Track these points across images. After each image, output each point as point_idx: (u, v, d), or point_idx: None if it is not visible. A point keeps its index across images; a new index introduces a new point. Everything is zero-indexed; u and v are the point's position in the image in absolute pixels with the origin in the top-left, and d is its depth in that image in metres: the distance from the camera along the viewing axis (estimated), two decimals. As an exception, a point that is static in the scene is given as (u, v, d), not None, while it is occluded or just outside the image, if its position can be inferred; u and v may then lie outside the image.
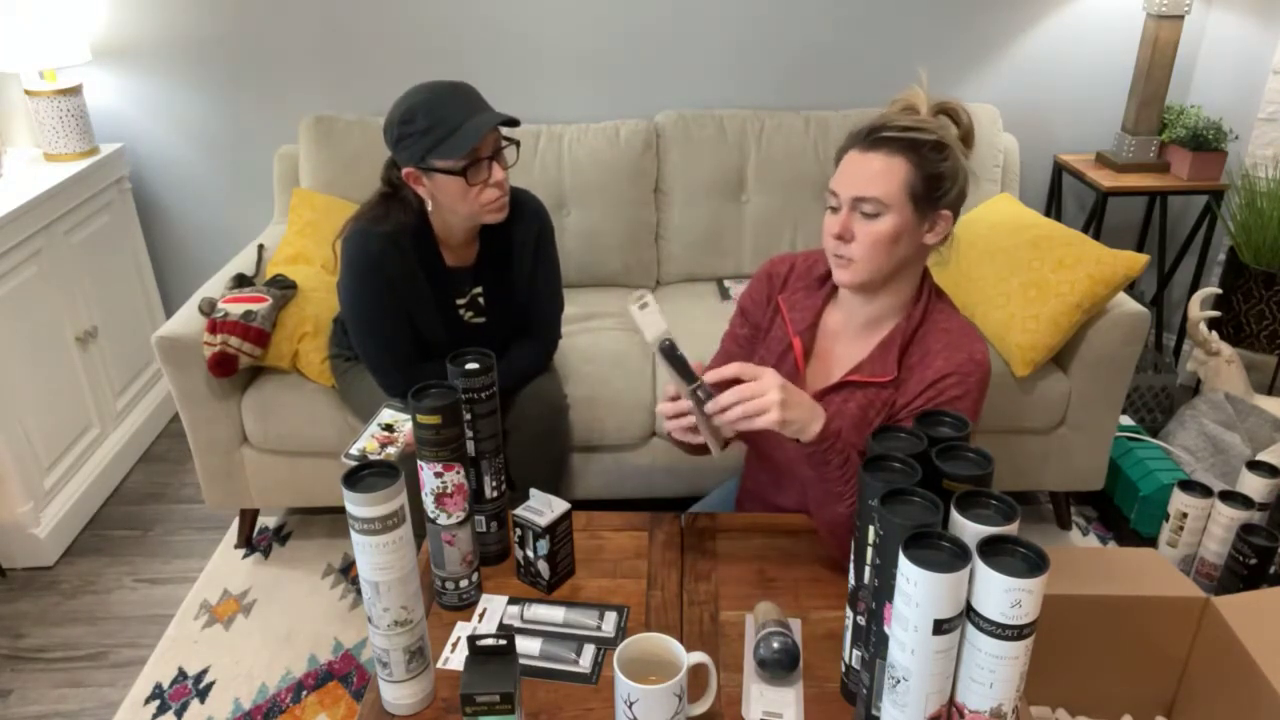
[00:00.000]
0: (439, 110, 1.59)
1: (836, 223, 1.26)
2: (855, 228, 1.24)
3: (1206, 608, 1.34)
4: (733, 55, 2.70)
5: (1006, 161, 2.62)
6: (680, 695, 0.94)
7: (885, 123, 1.23)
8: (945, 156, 1.23)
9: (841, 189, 1.25)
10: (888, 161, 1.22)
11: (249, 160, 2.78)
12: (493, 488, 1.25)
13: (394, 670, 1.03)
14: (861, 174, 1.23)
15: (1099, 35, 2.70)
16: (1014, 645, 0.82)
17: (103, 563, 2.30)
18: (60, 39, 2.40)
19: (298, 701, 1.87)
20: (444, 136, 1.59)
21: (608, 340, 2.27)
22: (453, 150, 1.59)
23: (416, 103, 1.61)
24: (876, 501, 0.89)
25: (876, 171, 1.22)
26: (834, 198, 1.27)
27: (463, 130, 1.59)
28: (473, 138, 1.58)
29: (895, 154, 1.22)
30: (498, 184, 1.65)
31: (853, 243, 1.25)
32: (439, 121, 1.59)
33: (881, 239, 1.23)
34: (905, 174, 1.22)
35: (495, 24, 2.64)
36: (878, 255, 1.25)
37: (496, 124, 1.61)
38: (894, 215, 1.22)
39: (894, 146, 1.22)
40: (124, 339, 2.66)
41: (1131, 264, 2.04)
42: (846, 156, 1.26)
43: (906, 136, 1.22)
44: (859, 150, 1.24)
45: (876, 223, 1.23)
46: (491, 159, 1.64)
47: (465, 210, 1.68)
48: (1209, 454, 2.31)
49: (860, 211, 1.24)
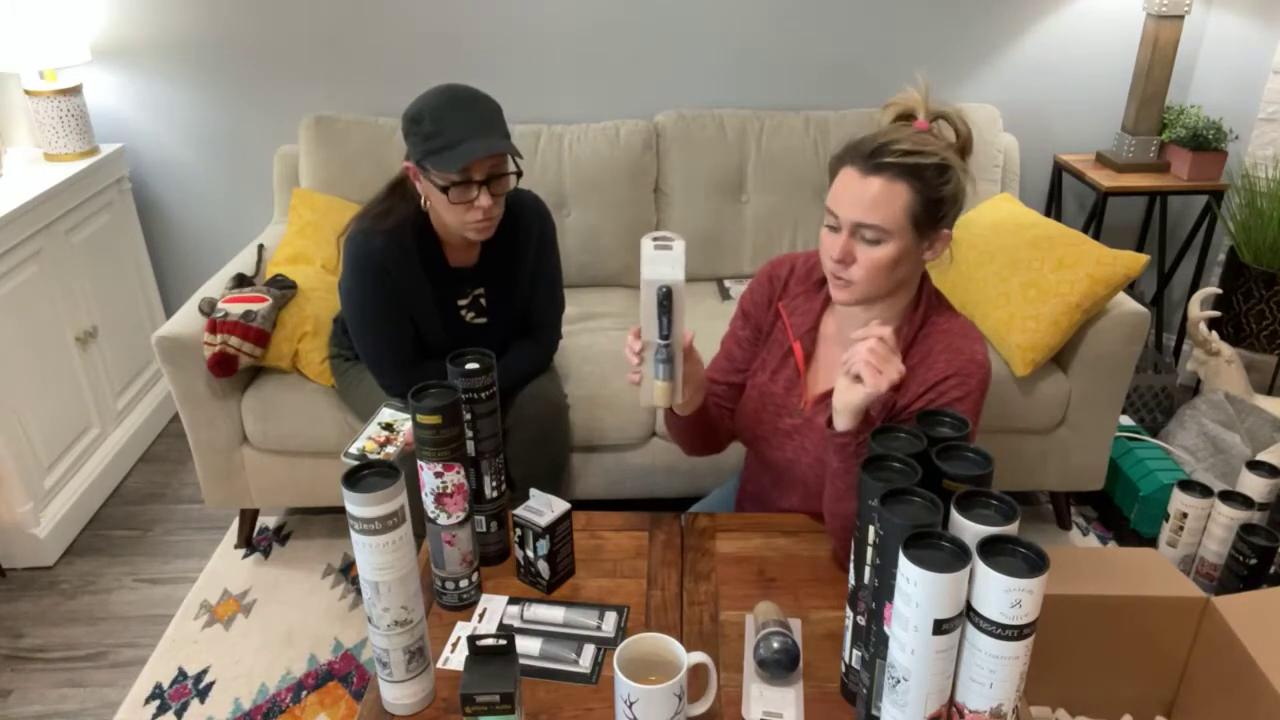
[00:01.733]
0: (445, 119, 1.58)
1: (836, 246, 1.22)
2: (856, 251, 1.21)
3: (1206, 608, 1.34)
4: (733, 55, 2.70)
5: (1006, 161, 2.62)
6: (680, 695, 0.94)
7: (887, 143, 1.18)
8: (948, 179, 1.20)
9: (842, 212, 1.21)
10: (889, 187, 1.18)
11: (249, 160, 2.78)
12: (493, 488, 1.25)
13: (394, 670, 1.03)
14: (862, 199, 1.18)
15: (1099, 35, 2.70)
16: (1014, 645, 0.82)
17: (103, 563, 2.30)
18: (60, 39, 2.40)
19: (298, 701, 1.87)
20: (440, 148, 1.58)
21: (608, 340, 2.27)
22: (443, 165, 1.58)
23: (429, 105, 1.59)
24: (876, 501, 0.89)
25: (877, 197, 1.18)
26: (833, 217, 1.23)
27: (456, 150, 1.57)
28: (461, 160, 1.56)
29: (897, 179, 1.17)
30: (483, 209, 1.63)
31: (853, 266, 1.22)
32: (440, 131, 1.58)
33: (882, 264, 1.21)
34: (907, 200, 1.18)
35: (495, 24, 2.64)
36: (877, 279, 1.22)
37: (487, 154, 1.58)
38: (895, 241, 1.19)
39: (896, 172, 1.17)
40: (124, 339, 2.66)
41: (1131, 264, 2.04)
42: (844, 173, 1.22)
43: (909, 162, 1.17)
44: (859, 171, 1.19)
45: (877, 249, 1.20)
46: (484, 183, 1.61)
47: (449, 220, 1.67)
48: (1209, 454, 2.31)
49: (861, 236, 1.20)
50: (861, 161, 1.19)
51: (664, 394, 1.20)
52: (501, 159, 1.63)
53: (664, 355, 1.17)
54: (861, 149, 1.20)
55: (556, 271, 1.94)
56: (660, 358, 1.18)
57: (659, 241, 1.12)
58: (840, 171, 1.23)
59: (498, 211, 1.67)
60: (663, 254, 1.11)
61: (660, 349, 1.17)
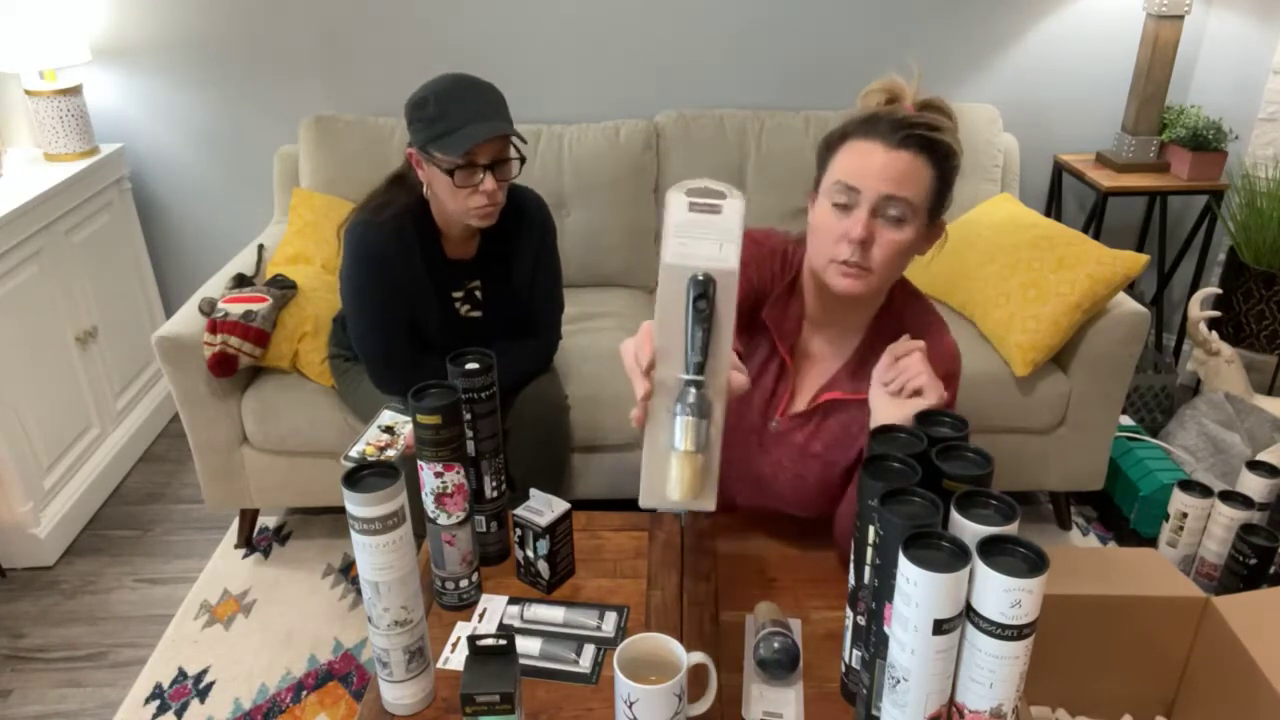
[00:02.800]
0: (450, 104, 1.60)
1: (859, 224, 1.09)
2: (876, 232, 1.10)
3: (1206, 608, 1.34)
4: (733, 55, 2.70)
5: (1006, 161, 2.62)
6: (680, 695, 0.94)
7: (910, 118, 1.09)
8: (957, 165, 1.14)
9: (866, 184, 1.09)
10: (915, 162, 1.09)
11: (249, 160, 2.78)
12: (493, 488, 1.25)
13: (394, 670, 1.03)
14: (892, 170, 1.08)
15: (1099, 35, 2.70)
16: (1014, 645, 0.82)
17: (103, 563, 2.30)
18: (60, 39, 2.40)
19: (298, 701, 1.87)
20: (444, 132, 1.60)
21: (608, 340, 2.27)
22: (448, 148, 1.60)
23: (434, 90, 1.62)
24: (876, 501, 0.89)
25: (906, 171, 1.08)
26: (849, 194, 1.10)
27: (461, 132, 1.59)
28: (466, 142, 1.58)
29: (920, 154, 1.09)
30: (487, 193, 1.65)
31: (873, 249, 1.11)
32: (444, 115, 1.60)
33: (902, 249, 1.11)
34: (929, 179, 1.10)
35: (496, 24, 2.64)
36: (894, 267, 1.13)
37: (492, 136, 1.60)
38: (914, 223, 1.11)
39: (920, 145, 1.09)
40: (124, 339, 2.66)
41: (1131, 264, 2.04)
42: (862, 146, 1.10)
43: (933, 136, 1.09)
44: (883, 144, 1.09)
45: (900, 230, 1.10)
46: (489, 167, 1.63)
47: (452, 206, 1.68)
48: (1209, 454, 2.31)
49: (885, 214, 1.10)
50: (887, 133, 1.09)
51: (689, 477, 0.71)
52: (505, 145, 1.65)
53: (694, 406, 0.71)
54: (881, 121, 1.10)
55: (556, 272, 1.95)
56: (688, 408, 0.71)
57: (698, 200, 0.70)
58: (848, 146, 1.12)
59: (501, 197, 1.69)
60: (704, 220, 0.69)
61: (689, 395, 0.71)
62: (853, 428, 1.25)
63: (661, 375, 0.73)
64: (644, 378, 0.82)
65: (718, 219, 0.71)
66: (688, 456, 0.73)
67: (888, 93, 1.14)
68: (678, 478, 0.73)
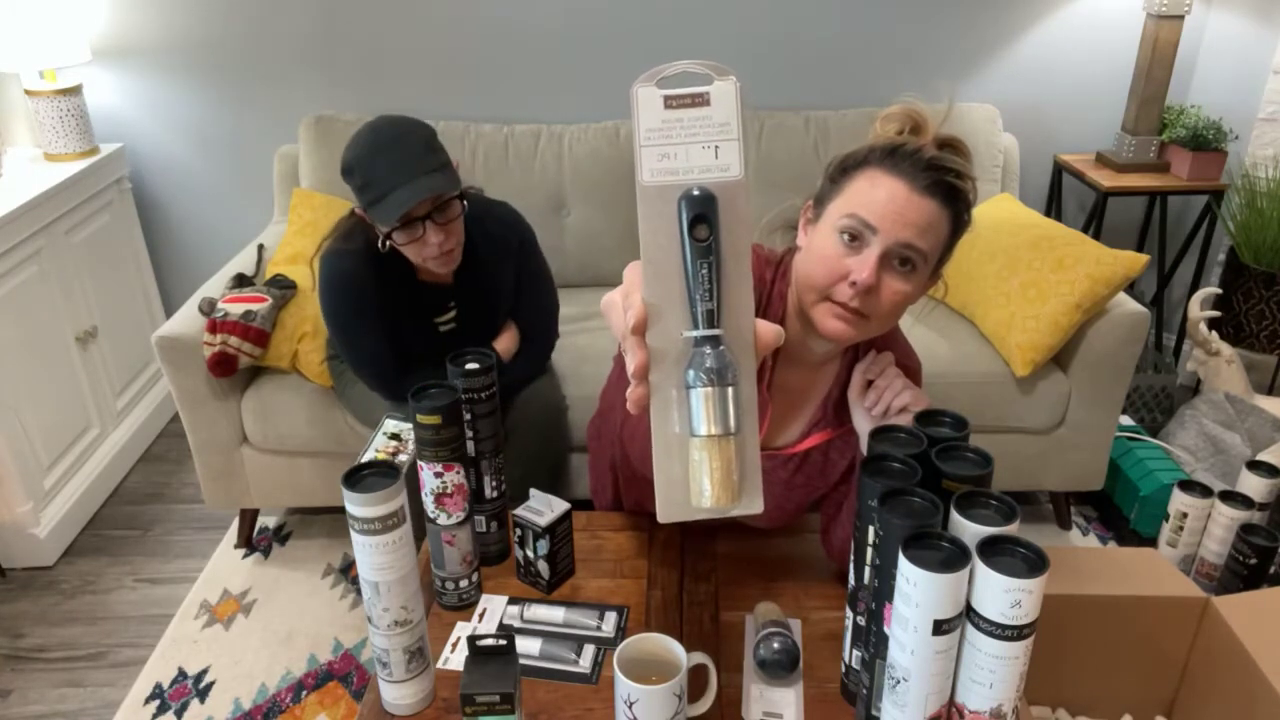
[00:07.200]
0: (371, 171, 1.58)
1: (867, 268, 0.99)
2: (881, 278, 1.01)
3: (1206, 608, 1.34)
4: (733, 55, 2.70)
5: (1006, 161, 2.62)
6: (680, 695, 0.94)
7: (939, 160, 1.00)
8: (969, 219, 1.05)
9: (885, 225, 0.99)
10: (939, 213, 1.00)
11: (249, 160, 2.78)
12: (493, 488, 1.25)
13: (394, 670, 1.03)
14: (914, 216, 0.99)
15: (1099, 35, 2.70)
16: (1014, 645, 0.82)
17: (103, 563, 2.30)
18: (60, 39, 2.40)
19: (298, 701, 1.87)
20: (374, 200, 1.60)
21: (607, 340, 2.27)
22: (380, 217, 1.60)
23: (354, 157, 1.60)
24: (876, 501, 0.89)
25: (930, 221, 0.99)
26: (862, 229, 1.00)
27: (388, 200, 1.57)
28: (396, 210, 1.57)
29: (945, 205, 1.01)
30: (435, 244, 1.64)
31: (874, 296, 1.01)
32: (370, 183, 1.59)
33: (905, 301, 1.03)
34: (947, 232, 1.02)
35: (495, 24, 2.64)
36: (892, 319, 1.06)
37: (416, 200, 1.57)
38: (921, 274, 1.03)
39: (945, 195, 1.00)
40: (124, 339, 2.66)
41: (1131, 264, 2.04)
42: (884, 181, 1.00)
43: (959, 186, 1.00)
44: (908, 186, 0.99)
45: (906, 281, 1.01)
46: (427, 218, 1.61)
47: (410, 256, 1.69)
48: (1209, 454, 2.31)
49: (895, 260, 1.01)
50: (911, 173, 0.99)
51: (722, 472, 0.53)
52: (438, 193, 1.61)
53: (713, 372, 0.53)
54: (906, 157, 1.00)
55: (545, 276, 1.94)
56: (704, 376, 0.53)
57: (677, 93, 0.52)
58: (868, 175, 1.01)
59: (453, 240, 1.68)
60: (689, 116, 0.52)
61: (704, 358, 0.54)
62: (832, 454, 1.22)
63: (659, 343, 0.54)
64: (639, 342, 0.58)
65: (707, 112, 0.53)
66: (715, 443, 0.54)
67: (909, 121, 1.05)
68: (707, 475, 0.53)
